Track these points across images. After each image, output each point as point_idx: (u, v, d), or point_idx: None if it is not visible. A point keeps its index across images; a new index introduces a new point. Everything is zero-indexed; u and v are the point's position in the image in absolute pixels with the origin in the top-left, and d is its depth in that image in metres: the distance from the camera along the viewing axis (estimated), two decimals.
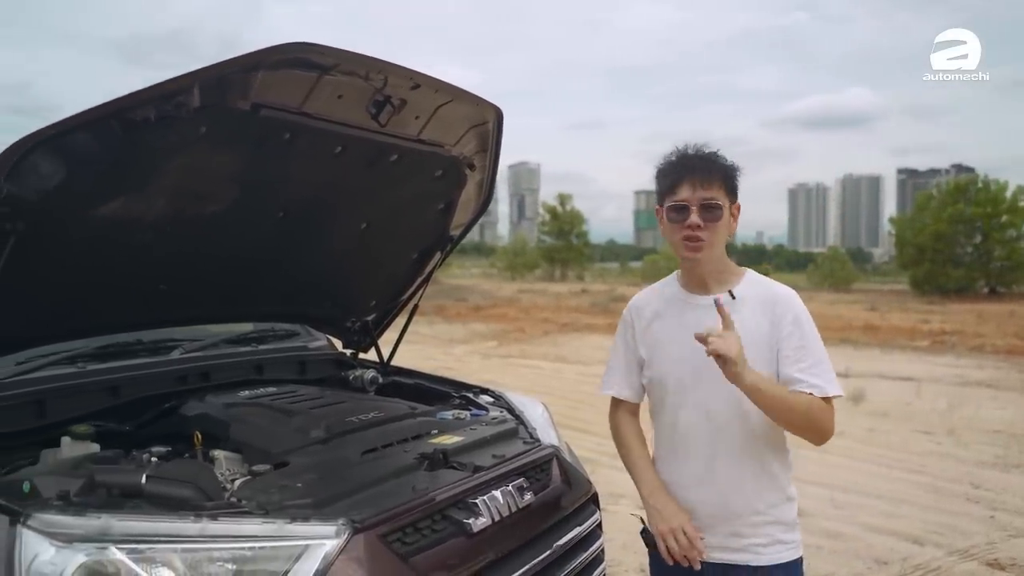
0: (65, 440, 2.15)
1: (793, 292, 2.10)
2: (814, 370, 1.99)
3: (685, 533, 2.04)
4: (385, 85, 2.24)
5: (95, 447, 2.16)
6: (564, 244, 59.72)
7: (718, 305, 1.93)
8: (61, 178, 1.85)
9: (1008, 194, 36.64)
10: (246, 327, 3.23)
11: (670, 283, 2.23)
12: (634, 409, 2.30)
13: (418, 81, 2.28)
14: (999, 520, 5.23)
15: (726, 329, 1.89)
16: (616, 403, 2.30)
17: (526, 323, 21.42)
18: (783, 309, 2.04)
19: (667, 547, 2.07)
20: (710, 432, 2.06)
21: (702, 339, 1.88)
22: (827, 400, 1.98)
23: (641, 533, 2.21)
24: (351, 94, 2.21)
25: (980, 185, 37.74)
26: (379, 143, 2.45)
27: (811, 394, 1.96)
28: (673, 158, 2.09)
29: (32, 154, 1.76)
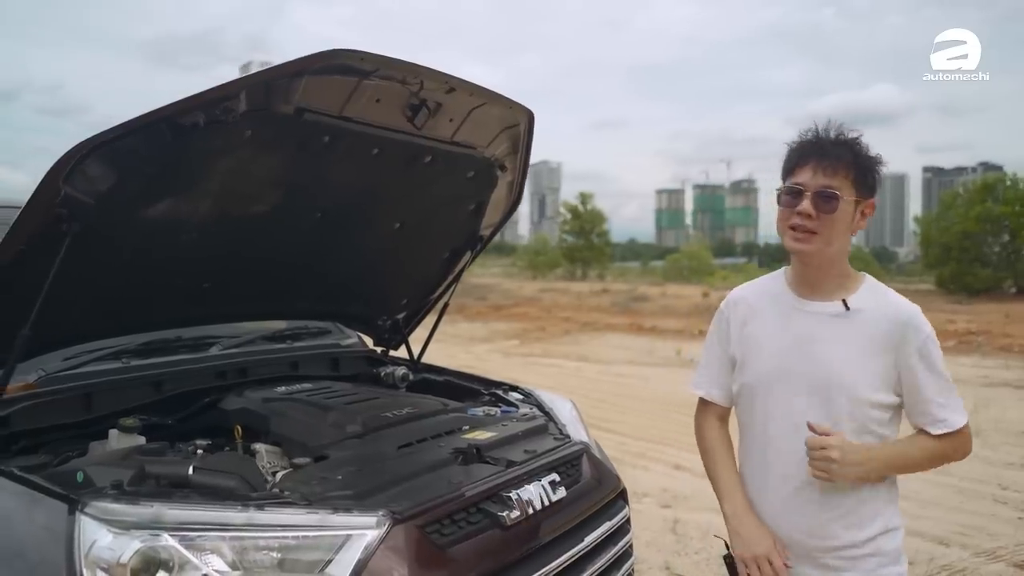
0: (113, 432, 2.24)
1: (918, 309, 1.85)
2: (941, 399, 1.82)
3: (771, 563, 1.86)
4: (421, 88, 2.30)
5: (141, 439, 2.24)
6: (585, 243, 59.54)
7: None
8: (115, 181, 1.93)
9: None
10: (280, 325, 3.30)
11: (776, 280, 1.99)
12: (723, 414, 2.09)
13: (453, 85, 2.34)
14: None
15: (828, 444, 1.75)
16: (704, 405, 2.10)
17: (547, 322, 21.44)
18: (910, 335, 1.81)
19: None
20: (804, 451, 1.81)
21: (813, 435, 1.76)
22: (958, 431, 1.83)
23: (724, 557, 2.00)
24: (389, 98, 2.26)
25: (1008, 183, 37.11)
26: (414, 145, 2.50)
27: (939, 433, 1.82)
28: (808, 136, 1.86)
29: (88, 158, 1.84)
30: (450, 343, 15.30)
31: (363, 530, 1.73)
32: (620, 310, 25.74)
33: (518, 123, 2.72)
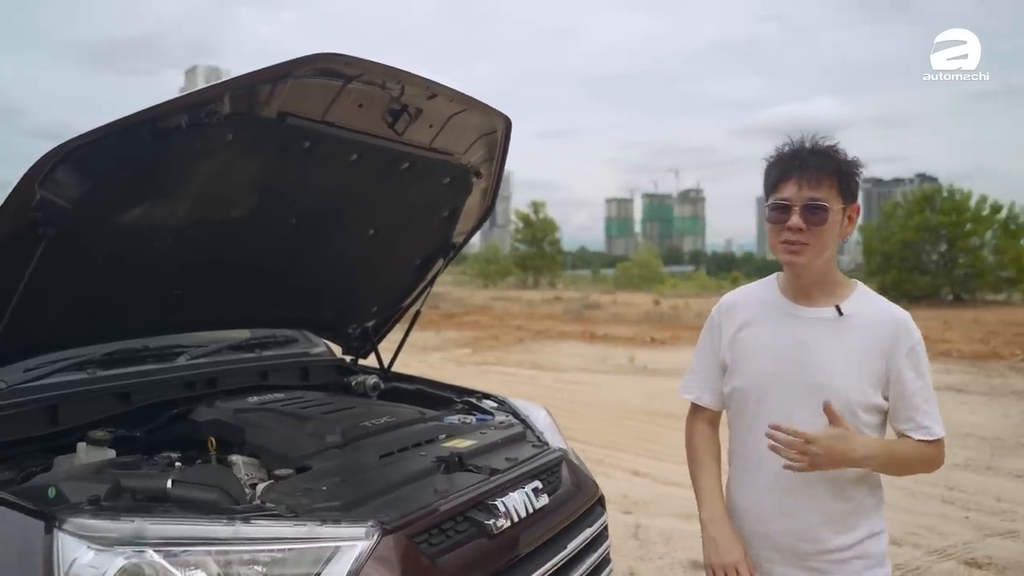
0: (81, 446, 2.16)
1: (908, 315, 1.90)
2: (925, 408, 1.86)
3: (737, 572, 1.90)
4: (403, 94, 2.28)
5: (111, 453, 2.17)
6: (537, 251, 59.76)
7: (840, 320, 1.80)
8: (92, 185, 1.87)
9: (972, 203, 37.39)
10: (245, 333, 3.23)
11: (768, 287, 2.02)
12: (713, 418, 2.10)
13: (435, 91, 2.33)
14: (974, 520, 5.35)
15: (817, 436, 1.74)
16: (695, 409, 2.11)
17: (500, 330, 21.39)
18: (901, 338, 1.85)
19: None
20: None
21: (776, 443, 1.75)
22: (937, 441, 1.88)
23: None
24: (371, 103, 2.25)
25: (945, 194, 38.39)
26: (393, 151, 2.49)
27: (920, 439, 1.86)
28: (785, 150, 1.87)
29: (65, 162, 1.78)
30: (403, 351, 15.15)
31: (352, 541, 1.70)
32: (572, 318, 25.87)
33: (495, 130, 2.72)
